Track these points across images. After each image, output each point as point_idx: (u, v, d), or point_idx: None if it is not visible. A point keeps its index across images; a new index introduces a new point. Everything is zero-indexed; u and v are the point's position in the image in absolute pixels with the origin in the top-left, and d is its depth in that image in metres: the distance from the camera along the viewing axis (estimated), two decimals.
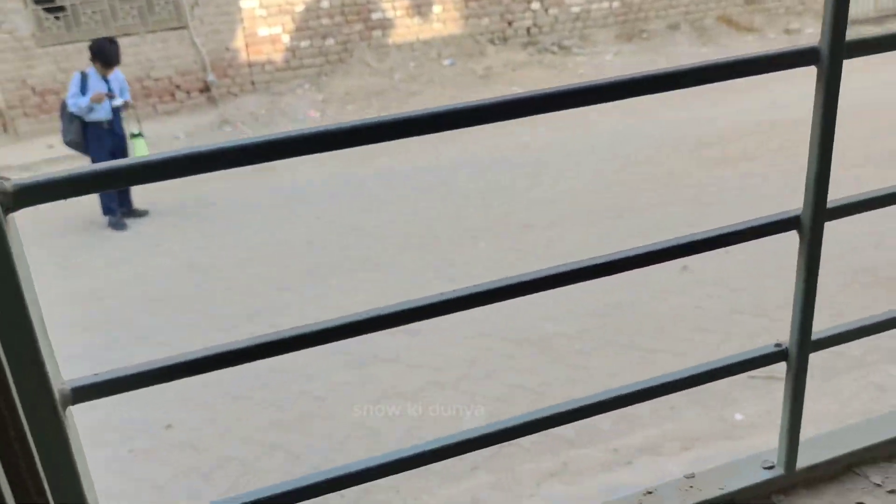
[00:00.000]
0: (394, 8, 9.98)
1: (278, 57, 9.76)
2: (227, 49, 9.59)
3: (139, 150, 6.86)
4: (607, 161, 7.00)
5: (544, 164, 7.12)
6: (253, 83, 9.66)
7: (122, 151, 6.86)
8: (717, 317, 4.38)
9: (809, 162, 1.00)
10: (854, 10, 11.45)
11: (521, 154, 7.44)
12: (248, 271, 5.50)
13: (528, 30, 10.53)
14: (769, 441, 3.56)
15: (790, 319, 1.13)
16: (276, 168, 7.78)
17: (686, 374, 1.11)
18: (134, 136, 6.91)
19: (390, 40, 10.05)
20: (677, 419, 3.57)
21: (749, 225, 1.04)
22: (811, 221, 1.02)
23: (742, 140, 7.08)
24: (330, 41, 9.82)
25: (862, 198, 1.08)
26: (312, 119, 8.99)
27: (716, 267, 4.94)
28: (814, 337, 1.12)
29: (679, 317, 4.41)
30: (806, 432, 1.32)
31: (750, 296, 4.58)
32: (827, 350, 1.19)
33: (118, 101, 6.76)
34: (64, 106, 6.71)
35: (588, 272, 0.94)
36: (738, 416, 3.47)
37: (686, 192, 6.04)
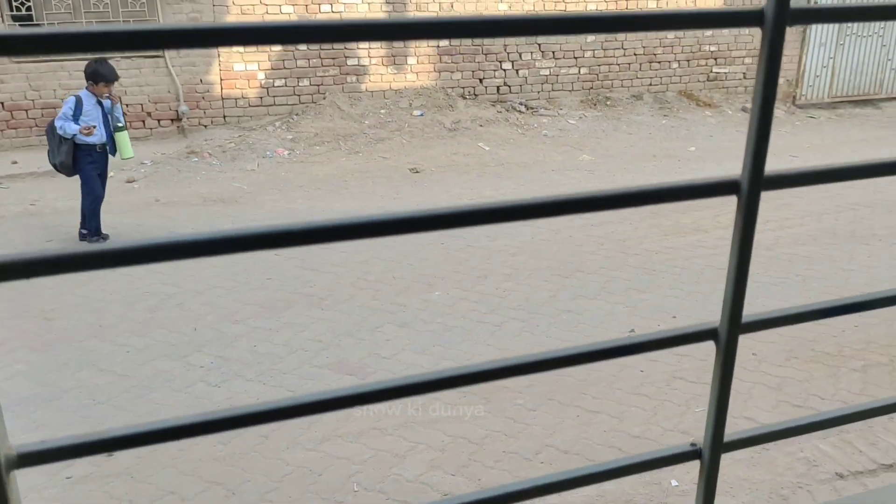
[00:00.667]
0: (370, 56, 10.19)
1: (252, 93, 9.87)
2: (202, 81, 9.68)
3: (123, 143, 6.85)
4: (565, 220, 7.16)
5: None
6: (224, 117, 9.74)
7: (106, 172, 6.88)
8: (657, 381, 4.50)
9: (728, 279, 1.10)
10: (809, 94, 11.95)
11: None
12: (203, 301, 5.52)
13: (498, 88, 10.81)
14: None
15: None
16: (241, 201, 7.83)
17: (600, 469, 1.19)
18: (118, 129, 6.83)
19: (363, 87, 10.24)
20: (615, 481, 3.65)
21: (667, 335, 1.13)
22: (727, 334, 1.12)
23: (690, 211, 7.32)
24: (304, 82, 9.98)
25: (776, 315, 1.18)
26: (280, 156, 9.07)
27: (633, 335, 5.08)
28: (727, 439, 1.21)
29: (621, 379, 4.53)
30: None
31: (691, 361, 4.72)
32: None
33: (119, 124, 6.78)
34: (52, 128, 6.63)
35: (543, 365, 1.01)
36: (674, 483, 3.57)
37: (636, 259, 6.22)
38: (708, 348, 4.44)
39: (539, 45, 10.76)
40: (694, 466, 3.03)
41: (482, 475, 3.69)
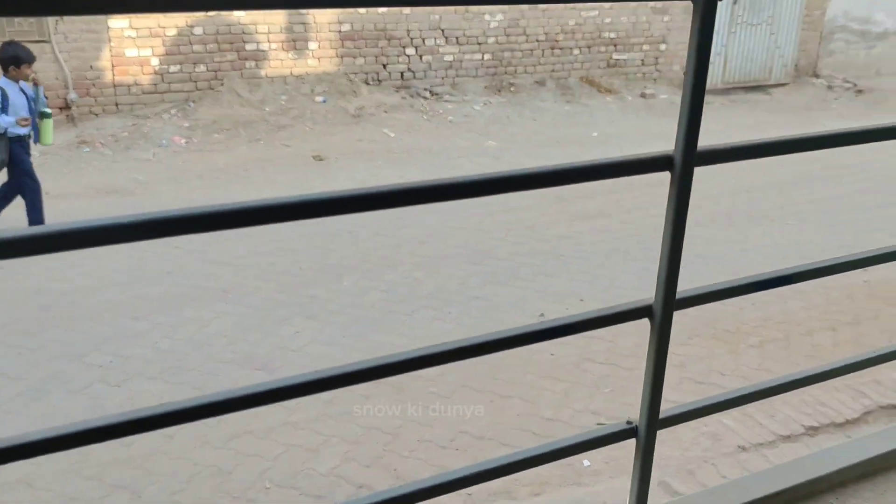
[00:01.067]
0: (269, 40, 9.92)
1: (146, 80, 9.46)
2: (92, 67, 9.21)
3: (47, 129, 6.56)
4: (474, 207, 7.17)
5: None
6: (117, 105, 9.31)
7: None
8: (567, 364, 4.55)
9: (661, 255, 1.08)
10: None
11: None
12: (99, 298, 5.26)
13: (402, 74, 10.72)
14: (614, 486, 3.73)
15: (635, 367, 1.21)
16: (136, 192, 7.51)
17: (540, 451, 1.16)
18: (45, 115, 6.54)
19: (263, 72, 9.97)
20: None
21: (602, 314, 1.11)
22: (661, 311, 1.10)
23: (598, 196, 7.44)
24: (201, 68, 9.63)
25: (709, 289, 1.17)
26: (177, 145, 8.75)
27: (571, 314, 5.14)
28: (662, 415, 1.20)
29: (533, 363, 4.55)
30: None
31: (601, 343, 4.79)
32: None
33: (47, 110, 6.50)
34: None
35: (454, 354, 0.97)
36: (586, 463, 3.61)
37: (544, 244, 6.27)
38: (616, 330, 4.51)
39: (442, 30, 10.72)
40: (608, 444, 3.00)
41: (397, 465, 3.64)
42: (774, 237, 6.56)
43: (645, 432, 1.19)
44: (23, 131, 6.29)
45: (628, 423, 1.21)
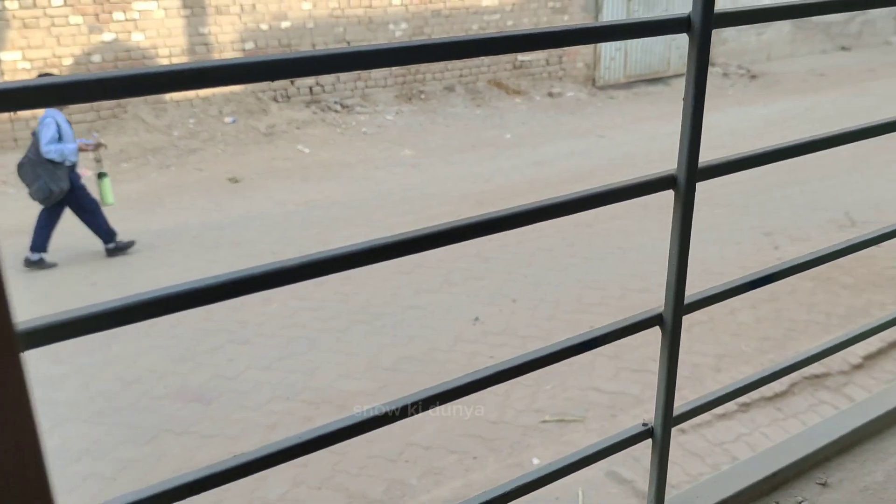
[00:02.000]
0: (170, 63, 9.70)
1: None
2: None
3: (106, 190, 6.81)
4: (397, 216, 7.17)
5: (334, 218, 7.17)
6: (16, 140, 8.95)
7: None
8: None
9: (669, 266, 1.11)
10: (607, 76, 12.65)
11: (311, 209, 7.44)
12: None
13: (311, 89, 10.63)
14: (564, 484, 3.77)
15: (573, 361, 1.23)
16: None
17: (558, 466, 1.18)
18: (102, 175, 6.83)
19: (168, 97, 9.73)
20: (479, 469, 3.68)
21: (614, 328, 1.14)
22: (672, 318, 1.13)
23: (518, 198, 7.54)
24: None
25: (714, 291, 1.21)
26: (85, 177, 8.46)
27: (506, 316, 5.20)
28: (676, 413, 1.24)
29: (472, 366, 4.58)
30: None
31: (536, 342, 4.85)
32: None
33: (104, 171, 6.84)
34: (34, 161, 6.24)
35: None
36: (535, 461, 3.65)
37: (471, 248, 6.31)
38: (550, 326, 4.56)
39: (348, 42, 10.69)
40: (552, 440, 3.06)
41: (349, 484, 3.61)
42: (693, 226, 6.77)
43: (661, 433, 1.22)
44: (74, 158, 6.46)
45: (644, 424, 1.25)
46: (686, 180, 1.04)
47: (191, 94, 9.86)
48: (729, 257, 6.07)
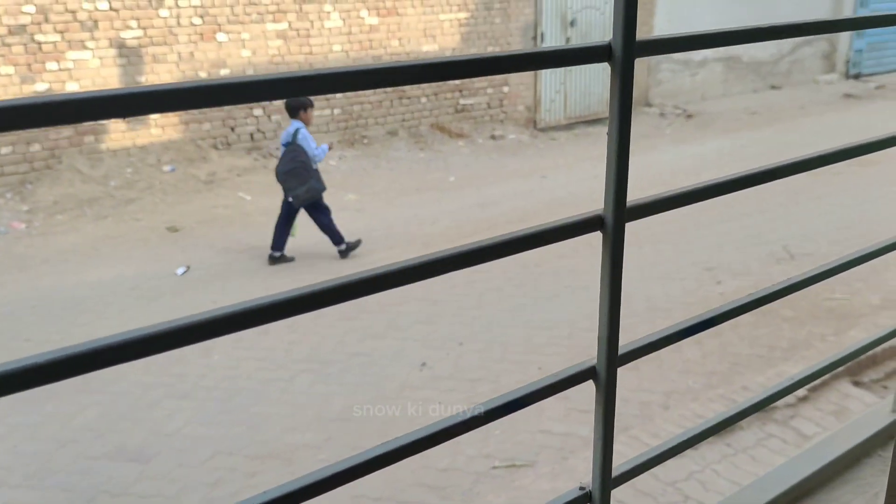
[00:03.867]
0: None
1: None
2: None
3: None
4: (345, 261, 7.09)
5: (278, 265, 7.06)
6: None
7: None
8: (457, 410, 4.51)
9: (601, 315, 1.06)
10: (548, 118, 12.82)
11: (254, 257, 7.32)
12: None
13: (252, 135, 10.54)
14: None
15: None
16: None
17: None
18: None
19: (104, 146, 9.54)
20: None
21: (545, 384, 1.09)
22: (606, 371, 1.08)
23: (464, 239, 7.52)
24: (35, 147, 9.11)
25: (648, 341, 1.17)
26: (16, 230, 8.20)
27: (454, 360, 5.13)
28: (614, 473, 1.18)
29: (422, 414, 4.49)
30: None
31: (485, 384, 4.79)
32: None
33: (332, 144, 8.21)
34: (297, 167, 7.05)
35: None
36: None
37: (417, 291, 6.25)
38: (500, 368, 4.51)
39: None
40: (503, 486, 2.99)
41: None
42: (628, 263, 6.82)
43: (600, 496, 1.16)
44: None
45: (581, 488, 1.18)
46: (614, 220, 1.00)
47: (128, 142, 9.68)
48: (673, 294, 6.12)
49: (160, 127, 9.89)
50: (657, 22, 13.91)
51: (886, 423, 1.73)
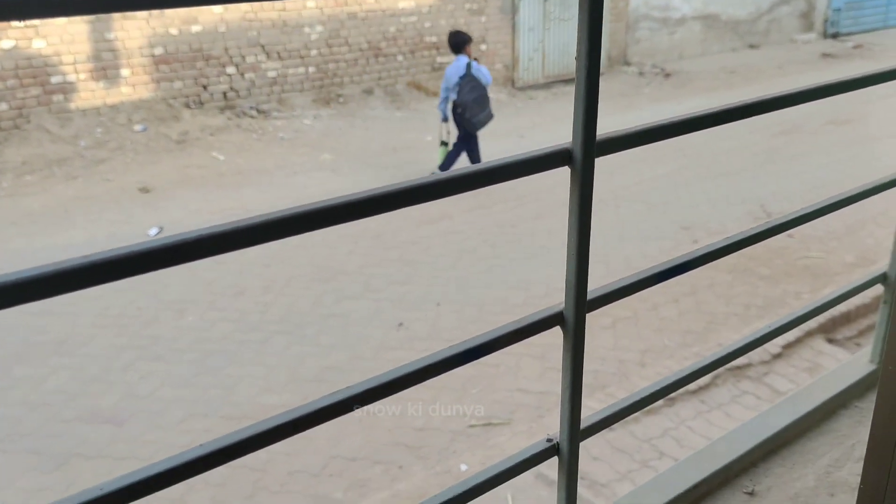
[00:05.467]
0: (76, 71, 9.30)
1: None
2: None
3: (442, 155, 8.19)
4: None
5: None
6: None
7: None
8: None
9: (568, 258, 1.02)
10: (526, 77, 12.71)
11: (228, 218, 7.11)
12: None
13: (225, 94, 10.35)
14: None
15: (500, 363, 1.14)
16: None
17: (456, 493, 1.07)
18: (443, 143, 8.21)
19: (73, 105, 9.33)
20: (406, 478, 3.58)
21: (515, 327, 1.04)
22: (574, 316, 1.04)
23: (439, 200, 7.45)
24: (2, 106, 8.88)
25: (619, 285, 1.13)
26: None
27: (430, 321, 5.10)
28: (582, 425, 1.15)
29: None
30: None
31: None
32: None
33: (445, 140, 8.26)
34: (478, 95, 7.79)
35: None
36: (464, 467, 3.57)
37: (393, 252, 6.21)
38: (476, 328, 4.49)
39: (262, 46, 10.45)
40: (479, 445, 2.96)
41: (271, 502, 3.46)
42: (604, 224, 6.80)
43: (568, 448, 1.13)
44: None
45: (548, 440, 1.15)
46: (583, 155, 0.95)
47: (98, 101, 9.48)
48: (650, 253, 6.12)
49: (131, 85, 9.68)
50: None
51: (863, 375, 1.72)
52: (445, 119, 8.05)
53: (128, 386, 4.46)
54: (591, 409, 4.26)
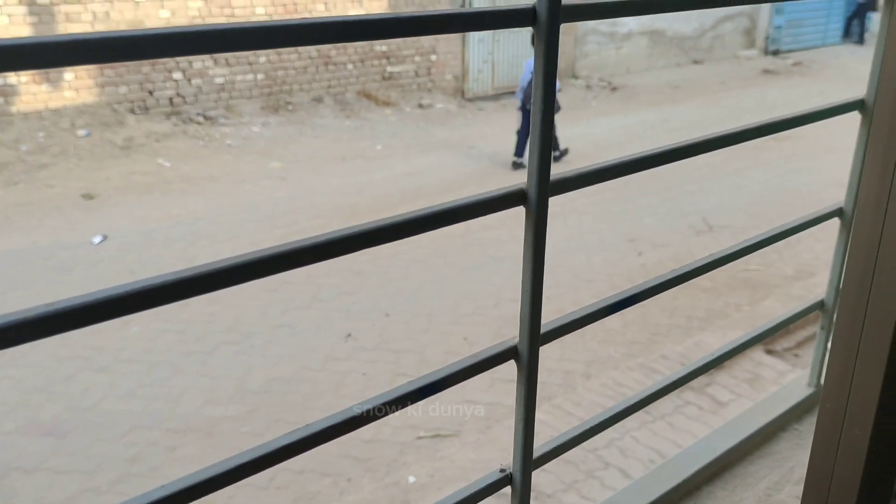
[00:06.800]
0: (17, 74, 9.09)
1: None
2: None
3: None
4: (265, 231, 6.96)
5: (198, 235, 6.88)
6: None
7: None
8: (382, 382, 4.51)
9: (523, 293, 1.05)
10: (476, 88, 12.80)
11: (174, 225, 7.11)
12: None
13: (171, 99, 10.21)
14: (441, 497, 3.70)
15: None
16: None
17: None
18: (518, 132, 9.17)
19: (14, 108, 9.10)
20: (355, 491, 3.58)
21: (470, 362, 1.07)
22: (528, 350, 1.07)
23: (390, 209, 7.48)
24: None
25: (571, 318, 1.16)
26: None
27: (379, 331, 5.11)
28: (536, 454, 1.18)
29: (345, 385, 4.47)
30: None
31: (411, 356, 4.80)
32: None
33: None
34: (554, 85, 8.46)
35: None
36: (412, 479, 3.58)
37: (342, 262, 6.19)
38: (426, 339, 4.50)
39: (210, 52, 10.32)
40: (428, 457, 2.99)
41: None
42: (560, 235, 6.90)
43: (521, 478, 1.15)
44: None
45: (502, 470, 1.18)
46: (538, 195, 0.98)
47: (40, 105, 9.27)
48: (596, 264, 6.22)
49: (74, 89, 9.49)
50: None
51: (802, 398, 1.79)
52: (520, 109, 9.03)
53: (71, 398, 4.37)
54: (542, 421, 4.32)
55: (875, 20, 19.30)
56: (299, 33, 0.76)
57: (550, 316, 1.15)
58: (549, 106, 0.93)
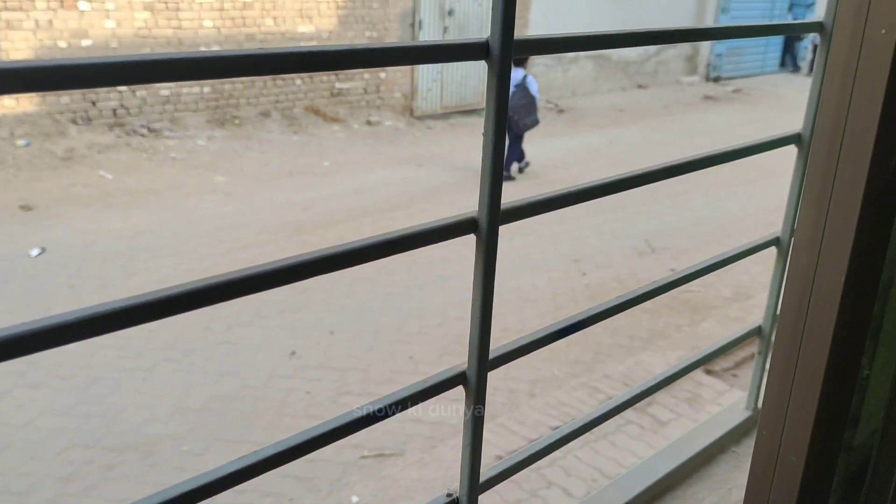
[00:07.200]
0: None
1: None
2: None
3: None
4: (209, 246, 6.87)
5: (141, 249, 6.75)
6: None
7: None
8: (325, 400, 4.48)
9: (472, 319, 1.06)
10: (424, 107, 12.87)
11: (115, 239, 6.97)
12: None
13: (115, 111, 10.03)
14: None
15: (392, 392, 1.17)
16: None
17: None
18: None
19: None
20: None
21: (420, 387, 1.08)
22: (476, 375, 1.09)
23: (337, 226, 7.45)
24: None
25: (519, 344, 1.18)
26: None
27: (324, 349, 5.08)
28: (482, 478, 1.19)
29: (289, 404, 4.43)
30: None
31: (356, 374, 4.78)
32: None
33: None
34: (528, 102, 9.28)
35: None
36: (355, 499, 3.56)
37: None
38: (371, 358, 4.50)
39: None
40: (372, 476, 2.99)
41: None
42: (504, 253, 6.95)
43: (467, 502, 1.17)
44: None
45: (448, 495, 1.19)
46: (488, 224, 1.00)
47: None
48: (540, 284, 6.28)
49: (14, 98, 9.26)
50: (532, 17, 14.19)
51: (740, 421, 1.84)
52: None
53: (3, 414, 4.24)
54: (486, 440, 4.33)
55: (806, 47, 20.04)
56: (255, 64, 0.77)
57: (495, 335, 1.17)
58: (501, 137, 0.95)
